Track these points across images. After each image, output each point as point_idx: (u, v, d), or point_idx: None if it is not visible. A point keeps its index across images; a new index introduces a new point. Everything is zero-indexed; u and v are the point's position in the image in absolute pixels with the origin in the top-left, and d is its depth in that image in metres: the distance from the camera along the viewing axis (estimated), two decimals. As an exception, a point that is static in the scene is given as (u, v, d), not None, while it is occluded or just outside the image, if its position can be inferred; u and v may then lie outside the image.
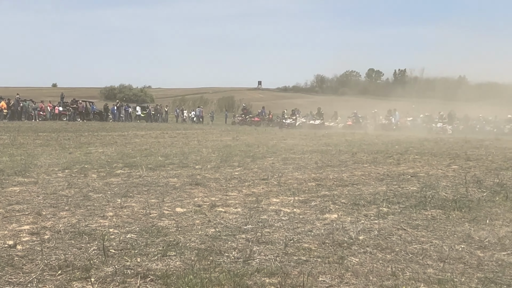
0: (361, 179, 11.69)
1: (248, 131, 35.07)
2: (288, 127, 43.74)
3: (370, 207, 8.37)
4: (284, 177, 11.60)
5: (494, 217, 7.81)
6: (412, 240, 6.35)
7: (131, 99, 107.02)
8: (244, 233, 6.48)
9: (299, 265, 5.25)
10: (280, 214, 7.69)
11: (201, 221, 7.13)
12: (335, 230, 6.75)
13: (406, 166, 14.59)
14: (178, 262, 5.29)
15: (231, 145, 21.17)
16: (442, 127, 40.74)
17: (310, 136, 29.45)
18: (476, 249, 6.05)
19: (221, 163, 14.13)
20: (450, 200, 9.03)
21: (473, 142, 26.51)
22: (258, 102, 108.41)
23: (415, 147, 22.31)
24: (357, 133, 35.16)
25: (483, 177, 12.37)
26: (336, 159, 16.10)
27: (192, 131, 33.36)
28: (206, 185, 10.33)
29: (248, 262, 5.31)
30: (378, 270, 5.18)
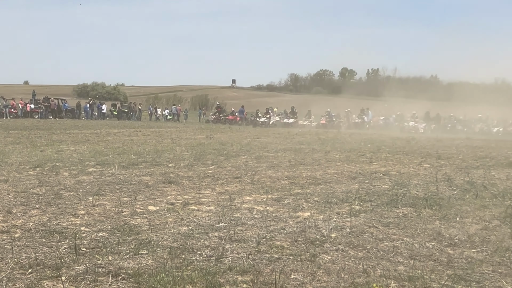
0: (334, 177, 11.75)
1: (222, 129, 35.01)
2: (262, 125, 43.77)
3: (343, 205, 8.42)
4: (257, 176, 11.62)
5: (464, 215, 7.91)
6: (384, 238, 6.41)
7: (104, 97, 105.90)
8: (217, 231, 6.48)
9: (271, 263, 5.27)
10: (253, 212, 7.71)
11: (174, 219, 7.12)
12: (307, 228, 6.78)
13: (378, 164, 14.71)
14: (150, 260, 5.27)
15: (205, 143, 21.13)
16: (414, 126, 41.13)
17: (284, 134, 29.51)
18: (446, 246, 6.13)
19: (194, 161, 14.10)
20: (421, 198, 9.13)
21: (445, 141, 26.81)
22: (232, 101, 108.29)
23: (387, 145, 22.48)
24: (330, 131, 35.33)
25: (454, 175, 12.52)
26: (309, 157, 16.17)
27: (166, 129, 33.21)
28: (179, 183, 10.30)
29: (221, 260, 5.31)
30: (349, 267, 5.22)
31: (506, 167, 14.91)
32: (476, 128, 42.90)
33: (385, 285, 4.72)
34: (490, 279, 5.02)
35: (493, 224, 7.34)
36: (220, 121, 49.91)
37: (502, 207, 8.60)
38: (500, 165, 15.45)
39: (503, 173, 13.44)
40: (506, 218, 7.68)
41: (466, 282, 4.89)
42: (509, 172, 13.69)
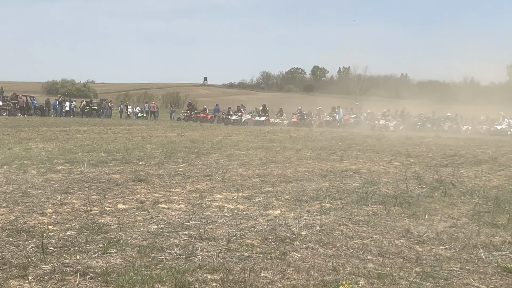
0: (304, 175, 11.78)
1: (193, 127, 34.90)
2: (234, 123, 43.73)
3: (313, 203, 8.44)
4: (228, 174, 11.60)
5: (433, 213, 7.99)
6: (353, 236, 6.44)
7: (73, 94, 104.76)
8: (187, 230, 6.45)
9: (241, 261, 5.26)
10: (223, 210, 7.69)
11: (144, 218, 7.06)
12: (278, 226, 6.78)
13: (349, 162, 14.79)
14: (119, 259, 5.22)
15: (176, 141, 21.03)
16: (384, 124, 41.45)
17: (255, 132, 29.53)
18: (415, 244, 6.18)
19: (165, 159, 14.03)
20: (390, 196, 9.20)
21: (414, 139, 27.05)
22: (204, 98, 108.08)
23: (358, 143, 22.63)
24: (301, 129, 35.41)
25: (423, 173, 12.65)
26: (280, 155, 16.19)
27: (136, 127, 32.97)
28: (149, 181, 10.23)
29: (190, 259, 5.28)
30: (319, 265, 5.23)
31: (475, 165, 15.11)
32: (446, 127, 43.32)
33: (354, 283, 4.73)
34: (457, 276, 5.07)
35: (461, 222, 7.43)
36: (191, 118, 49.70)
37: (470, 204, 8.71)
38: (469, 163, 15.64)
39: (472, 171, 13.61)
40: (474, 216, 7.77)
41: (434, 279, 4.92)
42: (478, 170, 13.87)
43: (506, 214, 7.87)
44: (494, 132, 41.12)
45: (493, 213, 8.01)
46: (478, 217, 7.68)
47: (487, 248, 6.04)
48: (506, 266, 5.33)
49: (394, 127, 40.72)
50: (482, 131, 42.11)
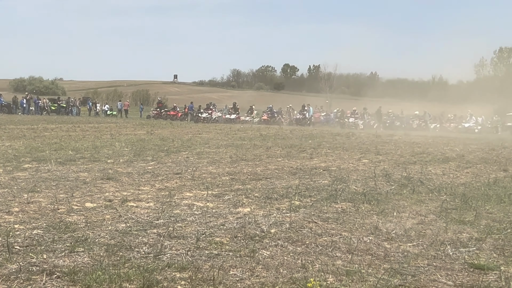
0: (274, 173, 11.80)
1: (163, 125, 34.71)
2: (204, 121, 43.61)
3: (283, 201, 8.45)
4: (198, 171, 11.56)
5: (401, 210, 8.05)
6: (322, 233, 6.46)
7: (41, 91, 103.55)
8: (156, 228, 6.40)
9: (210, 259, 5.23)
10: (193, 209, 7.65)
11: (112, 216, 6.99)
12: (247, 223, 6.77)
13: (318, 160, 14.85)
14: (87, 258, 5.16)
15: (145, 139, 20.89)
16: (354, 122, 41.74)
17: (226, 130, 29.48)
18: (384, 240, 6.22)
19: (134, 157, 13.92)
20: (359, 193, 9.25)
21: (383, 137, 27.29)
22: (174, 96, 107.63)
23: (328, 141, 22.74)
24: (272, 127, 35.47)
25: (392, 171, 12.75)
26: (250, 153, 16.19)
27: (105, 124, 32.66)
28: (118, 179, 10.14)
29: (159, 257, 5.25)
30: (288, 262, 5.23)
31: (442, 162, 15.28)
32: (414, 124, 43.81)
33: (323, 280, 4.75)
34: (425, 272, 5.11)
35: (429, 219, 7.50)
36: (161, 116, 49.44)
37: (437, 201, 8.81)
38: (437, 160, 15.82)
39: (439, 168, 13.77)
40: (441, 213, 7.86)
41: (402, 276, 4.96)
42: (445, 167, 14.04)
43: (473, 211, 7.97)
44: (462, 130, 41.77)
45: (460, 210, 8.11)
46: (446, 214, 7.76)
47: (454, 244, 6.11)
48: (472, 262, 5.40)
49: (363, 125, 40.98)
50: (450, 129, 42.73)
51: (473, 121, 43.91)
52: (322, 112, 51.00)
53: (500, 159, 16.96)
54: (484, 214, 7.89)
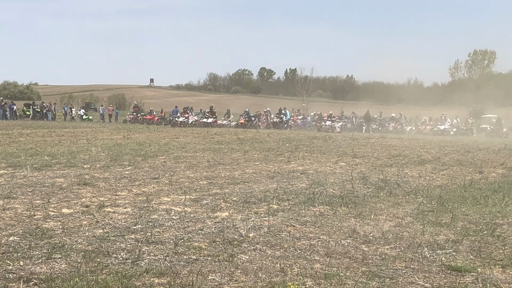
0: (252, 177, 11.80)
1: (139, 129, 34.52)
2: (181, 125, 43.44)
3: (261, 205, 8.46)
4: (175, 176, 11.52)
5: (379, 212, 8.11)
6: (301, 236, 6.48)
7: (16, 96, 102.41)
8: (133, 233, 6.37)
9: (189, 264, 5.22)
10: (170, 213, 7.62)
11: (89, 222, 6.94)
12: (225, 228, 6.77)
13: (296, 163, 14.88)
14: (64, 264, 5.12)
15: (122, 143, 20.75)
16: (331, 125, 41.85)
17: (203, 134, 29.40)
18: (361, 243, 6.25)
19: (110, 162, 13.83)
20: (337, 196, 9.29)
21: (360, 140, 27.44)
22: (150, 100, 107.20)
23: (305, 145, 22.80)
24: (249, 131, 35.44)
25: (369, 173, 12.83)
26: (228, 157, 16.17)
27: (81, 129, 32.40)
28: (94, 185, 10.07)
29: (137, 263, 5.22)
30: (267, 266, 5.23)
31: (418, 165, 15.42)
32: (390, 127, 44.07)
33: (301, 284, 4.76)
34: (403, 275, 5.15)
35: (406, 221, 7.56)
36: (138, 121, 49.14)
37: (414, 204, 8.88)
38: (413, 163, 15.95)
39: (416, 170, 13.88)
40: (418, 215, 7.92)
41: (380, 279, 4.99)
42: (421, 169, 14.16)
43: (449, 213, 8.06)
44: (437, 132, 42.09)
45: (437, 212, 8.18)
46: (422, 216, 7.83)
47: (431, 246, 6.17)
48: (449, 264, 5.45)
49: (340, 128, 41.13)
50: (425, 131, 43.03)
51: (448, 124, 44.27)
52: (299, 115, 51.06)
53: (475, 161, 17.15)
54: (460, 216, 7.97)
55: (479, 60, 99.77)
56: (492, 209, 8.52)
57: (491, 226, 7.25)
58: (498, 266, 5.50)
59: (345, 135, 32.93)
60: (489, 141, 31.33)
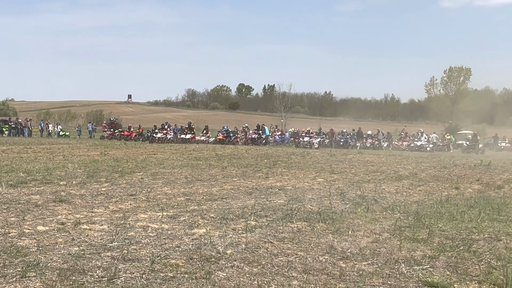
0: (230, 193, 11.78)
1: (117, 145, 34.31)
2: (159, 141, 43.29)
3: (239, 221, 8.43)
4: (153, 193, 11.45)
5: (356, 228, 8.12)
6: (278, 253, 6.46)
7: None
8: (110, 251, 6.30)
9: (165, 282, 5.17)
10: (147, 230, 7.57)
11: (64, 240, 6.86)
12: (203, 245, 6.73)
13: (274, 179, 14.88)
14: (38, 283, 5.04)
15: (99, 160, 20.60)
16: (309, 141, 41.99)
17: (181, 150, 29.30)
18: (339, 260, 6.25)
19: (87, 178, 13.71)
20: (315, 213, 9.30)
21: (338, 156, 27.55)
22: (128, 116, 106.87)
23: (283, 161, 22.82)
24: (227, 147, 35.43)
25: (347, 189, 12.86)
26: (206, 173, 16.13)
27: (58, 145, 32.13)
28: (70, 201, 9.97)
29: (113, 281, 5.16)
30: (244, 283, 5.21)
31: (396, 180, 15.50)
32: (368, 143, 44.34)
33: (279, 301, 4.74)
34: (380, 291, 5.15)
35: (383, 237, 7.58)
36: (115, 137, 48.88)
37: (391, 219, 8.91)
38: (390, 179, 16.03)
39: (393, 186, 13.96)
40: (395, 231, 7.95)
41: (357, 295, 4.99)
42: (399, 185, 14.24)
43: (426, 229, 8.10)
44: (414, 148, 42.44)
45: (414, 227, 8.21)
46: (400, 232, 7.86)
47: (408, 262, 6.18)
48: (426, 280, 5.47)
49: (318, 144, 41.26)
50: (402, 147, 43.38)
51: (425, 139, 44.68)
52: (277, 131, 51.21)
53: (451, 177, 17.29)
54: (437, 231, 8.01)
55: (455, 76, 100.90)
56: (468, 225, 8.58)
57: (468, 242, 7.30)
58: (474, 281, 5.54)
59: (323, 151, 33.03)
60: (465, 157, 31.64)
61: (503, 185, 15.06)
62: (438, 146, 45.48)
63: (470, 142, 43.65)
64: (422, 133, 46.72)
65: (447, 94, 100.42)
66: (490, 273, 5.82)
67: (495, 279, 5.57)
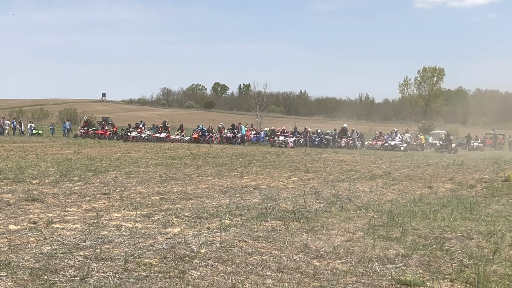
0: (205, 192, 11.75)
1: (91, 144, 34.01)
2: (133, 140, 43.01)
3: (213, 220, 8.42)
4: (127, 191, 11.38)
5: (330, 227, 8.15)
6: (253, 252, 6.46)
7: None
8: (82, 250, 6.25)
9: (139, 281, 5.14)
10: (121, 229, 7.52)
11: (36, 239, 6.78)
12: (177, 244, 6.70)
13: (249, 178, 14.89)
14: (10, 282, 4.98)
15: (72, 158, 20.41)
16: (284, 140, 42.03)
17: (155, 149, 29.15)
18: (313, 258, 6.27)
19: (60, 177, 13.57)
20: (289, 211, 9.31)
21: (313, 155, 27.64)
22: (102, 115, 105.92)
23: (258, 160, 22.83)
24: (202, 146, 35.32)
25: (321, 188, 12.92)
26: (180, 172, 16.08)
27: (31, 144, 31.74)
28: (43, 200, 9.86)
29: (85, 280, 5.11)
30: (218, 282, 5.20)
31: (370, 180, 15.60)
32: (343, 142, 44.50)
33: (253, 300, 4.73)
34: (353, 289, 5.17)
35: (357, 236, 7.62)
36: (89, 135, 48.44)
37: (365, 218, 8.96)
38: (364, 178, 16.13)
39: (367, 185, 14.04)
40: (369, 230, 8.00)
41: (331, 293, 5.00)
42: (373, 184, 14.34)
43: (399, 227, 8.16)
44: (388, 148, 42.73)
45: (387, 226, 8.27)
46: (373, 231, 7.91)
47: (381, 261, 6.22)
48: (399, 279, 5.50)
49: (293, 143, 41.33)
50: (376, 146, 43.66)
51: (399, 139, 44.99)
52: (253, 130, 51.19)
53: (425, 176, 17.45)
54: (410, 230, 8.08)
55: (428, 77, 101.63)
56: (441, 224, 8.67)
57: (440, 241, 7.37)
58: (446, 280, 5.59)
59: (298, 150, 33.11)
60: (439, 157, 31.96)
61: (475, 184, 15.24)
62: (411, 145, 45.86)
63: (443, 142, 44.04)
64: (396, 132, 47.03)
65: (420, 94, 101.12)
66: (462, 271, 5.88)
67: (467, 277, 5.63)
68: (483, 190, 13.86)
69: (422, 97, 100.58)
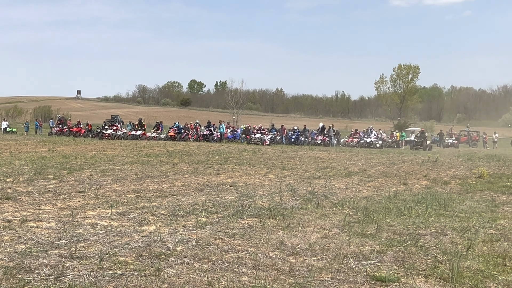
0: (181, 190, 11.72)
1: (65, 142, 33.71)
2: (109, 137, 42.75)
3: (189, 218, 8.41)
4: (102, 189, 11.31)
5: (306, 224, 8.19)
6: (229, 249, 6.46)
7: None
8: (57, 249, 6.20)
9: (114, 280, 5.12)
10: (96, 228, 7.47)
11: (10, 238, 6.71)
12: (153, 242, 6.68)
13: (225, 176, 14.88)
14: (-18, 282, 4.93)
15: (47, 156, 20.21)
16: (260, 138, 42.09)
17: (131, 147, 28.97)
18: (289, 255, 6.29)
19: (34, 175, 13.44)
20: (265, 209, 9.34)
21: (289, 152, 27.71)
22: (77, 112, 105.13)
23: (235, 157, 22.83)
24: (178, 144, 35.20)
25: (297, 185, 12.96)
26: (156, 170, 16.02)
27: (4, 142, 31.38)
28: (17, 199, 9.76)
29: (60, 279, 5.08)
30: (194, 280, 5.20)
31: (345, 177, 15.69)
32: (319, 140, 44.70)
33: (229, 297, 4.74)
34: (329, 286, 5.21)
35: (333, 232, 7.67)
36: (64, 133, 48.02)
37: (341, 215, 9.02)
38: (340, 175, 16.22)
39: (343, 182, 14.13)
40: (344, 226, 8.05)
41: (307, 290, 5.03)
42: (348, 181, 14.42)
43: (374, 224, 8.22)
44: (364, 145, 43.01)
45: (363, 223, 8.34)
46: (349, 228, 7.96)
47: (357, 257, 6.27)
48: (374, 275, 5.55)
49: (269, 141, 41.38)
50: (352, 143, 43.91)
51: (375, 136, 45.31)
52: (230, 128, 51.15)
53: (400, 173, 17.59)
54: (385, 227, 8.15)
55: (404, 74, 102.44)
56: (415, 220, 8.75)
57: (415, 237, 7.45)
58: (421, 276, 5.65)
59: (275, 148, 33.18)
60: (413, 153, 32.23)
61: (450, 181, 15.40)
62: (387, 142, 46.22)
63: (418, 139, 44.43)
64: (372, 129, 47.35)
65: (396, 92, 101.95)
66: (437, 267, 5.95)
67: (441, 273, 5.70)
68: (457, 187, 14.02)
69: (397, 95, 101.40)
